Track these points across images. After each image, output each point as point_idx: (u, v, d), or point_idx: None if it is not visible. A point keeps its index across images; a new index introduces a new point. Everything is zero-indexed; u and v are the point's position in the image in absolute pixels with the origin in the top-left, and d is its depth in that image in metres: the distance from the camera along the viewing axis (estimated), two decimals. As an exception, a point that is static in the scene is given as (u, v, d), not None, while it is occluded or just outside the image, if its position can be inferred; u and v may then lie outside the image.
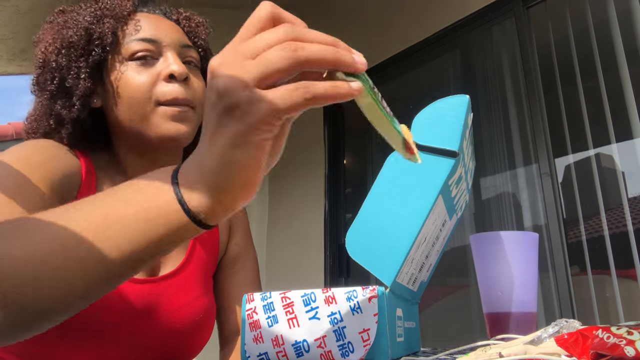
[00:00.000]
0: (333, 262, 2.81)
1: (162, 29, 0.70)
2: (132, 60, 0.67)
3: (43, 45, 0.70)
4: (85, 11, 0.71)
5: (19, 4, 2.59)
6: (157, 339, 0.69)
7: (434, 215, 0.57)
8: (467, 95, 0.57)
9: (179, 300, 0.72)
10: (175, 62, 0.67)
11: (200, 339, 0.75)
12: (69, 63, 0.68)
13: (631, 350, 0.35)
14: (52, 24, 0.73)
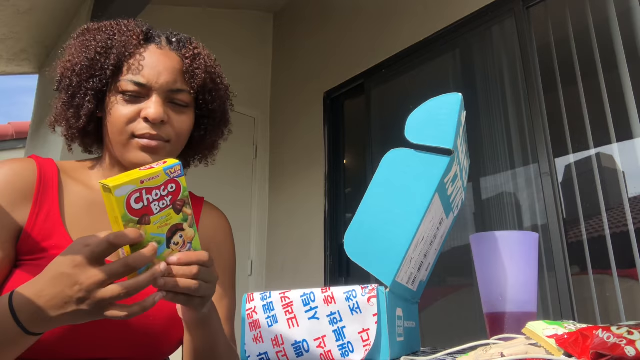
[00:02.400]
0: (333, 262, 2.81)
1: (157, 73, 0.78)
2: (123, 94, 0.77)
3: (63, 60, 0.82)
4: (100, 36, 0.80)
5: (19, 4, 2.59)
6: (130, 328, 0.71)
7: (430, 214, 0.57)
8: (460, 94, 0.56)
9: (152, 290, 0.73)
10: (154, 107, 0.77)
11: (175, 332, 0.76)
12: (79, 83, 0.78)
13: (631, 350, 0.35)
14: (74, 42, 0.82)
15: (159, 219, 0.58)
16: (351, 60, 2.96)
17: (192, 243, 0.62)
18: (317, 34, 3.31)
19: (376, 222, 0.54)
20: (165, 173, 0.59)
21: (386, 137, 2.69)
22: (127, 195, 0.56)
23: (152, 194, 0.58)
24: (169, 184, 0.60)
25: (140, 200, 0.57)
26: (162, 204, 0.59)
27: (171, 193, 0.60)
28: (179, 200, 0.60)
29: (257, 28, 3.65)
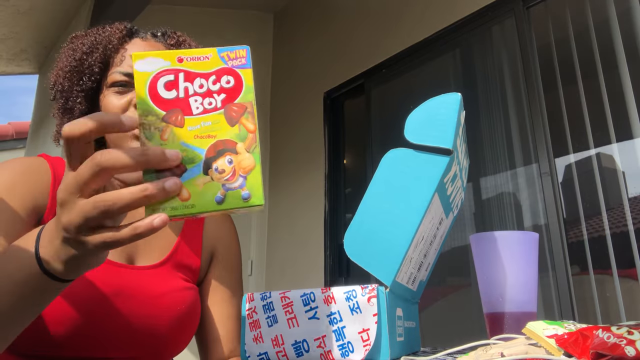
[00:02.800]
0: (333, 261, 2.81)
1: None
2: (112, 87, 0.77)
3: (55, 67, 0.82)
4: (86, 39, 0.81)
5: (19, 4, 2.59)
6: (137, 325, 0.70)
7: (430, 214, 0.57)
8: (459, 93, 0.56)
9: (161, 288, 0.74)
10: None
11: (182, 332, 0.76)
12: (71, 87, 0.79)
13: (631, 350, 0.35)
14: (63, 50, 0.83)
15: (200, 124, 0.41)
16: (351, 60, 2.96)
17: (248, 179, 0.41)
18: (318, 34, 3.31)
19: (376, 222, 0.54)
20: (219, 57, 0.43)
21: (386, 137, 2.69)
22: (153, 74, 0.41)
23: (195, 83, 0.42)
24: (224, 74, 0.42)
25: (173, 86, 0.41)
26: (207, 102, 0.42)
27: (226, 90, 0.42)
28: (236, 104, 0.42)
29: (257, 28, 3.65)
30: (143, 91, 0.41)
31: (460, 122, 0.59)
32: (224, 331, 0.83)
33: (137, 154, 0.39)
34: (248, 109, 0.43)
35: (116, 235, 0.40)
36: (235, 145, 0.42)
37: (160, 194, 0.39)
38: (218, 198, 0.41)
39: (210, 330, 0.83)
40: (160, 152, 0.40)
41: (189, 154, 0.41)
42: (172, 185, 0.40)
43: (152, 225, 0.39)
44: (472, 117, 2.27)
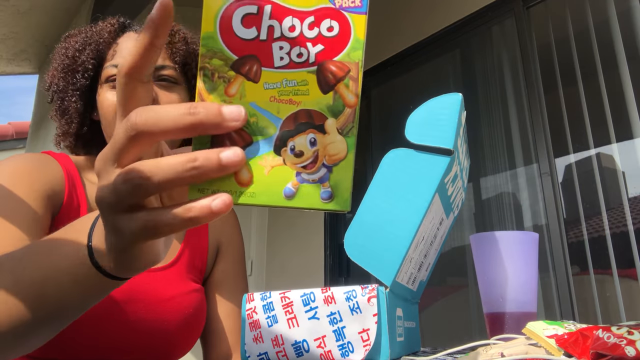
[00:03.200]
0: (333, 261, 2.81)
1: None
2: (107, 82, 0.75)
3: (50, 68, 0.80)
4: (79, 37, 0.79)
5: (19, 4, 2.59)
6: (145, 329, 0.70)
7: (431, 214, 0.57)
8: (460, 94, 0.56)
9: (168, 292, 0.73)
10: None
11: (189, 335, 0.76)
12: (66, 86, 0.77)
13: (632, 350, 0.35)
14: (58, 48, 0.81)
15: (281, 82, 0.31)
16: (351, 60, 2.95)
17: (335, 172, 0.31)
18: (317, 34, 3.31)
19: (376, 222, 0.54)
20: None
21: (386, 137, 2.68)
22: (229, 2, 0.31)
23: (284, 22, 0.31)
24: (328, 17, 0.31)
25: (254, 22, 0.31)
26: (297, 53, 0.31)
27: (325, 40, 0.31)
28: (336, 62, 0.31)
29: (257, 28, 3.64)
30: (212, 23, 0.31)
31: (461, 122, 0.59)
32: (228, 324, 0.82)
33: (183, 111, 0.29)
34: (352, 73, 0.31)
35: (159, 218, 0.30)
36: (324, 120, 0.31)
37: (212, 168, 0.29)
38: (288, 190, 0.31)
39: (213, 323, 0.82)
40: (216, 108, 0.29)
41: (260, 121, 0.31)
42: (231, 157, 0.29)
43: (210, 208, 0.29)
44: (472, 117, 2.27)
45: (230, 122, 0.30)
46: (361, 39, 0.31)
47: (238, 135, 0.31)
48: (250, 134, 0.31)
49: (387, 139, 2.66)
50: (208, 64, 0.31)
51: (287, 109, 0.31)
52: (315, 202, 0.31)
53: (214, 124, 0.29)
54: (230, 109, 0.30)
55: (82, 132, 0.79)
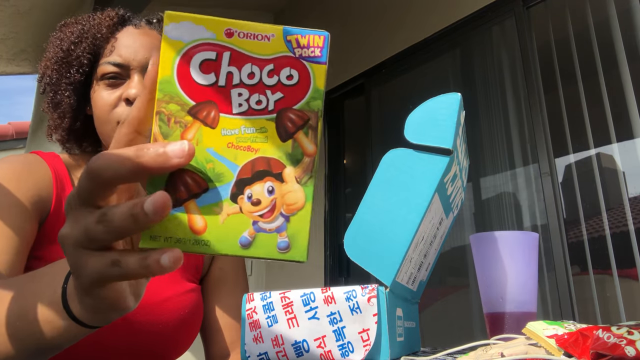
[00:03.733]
0: (333, 262, 2.81)
1: (134, 50, 0.73)
2: (103, 80, 0.72)
3: (44, 58, 0.77)
4: (75, 27, 0.76)
5: (19, 4, 2.59)
6: (140, 331, 0.69)
7: (430, 214, 0.57)
8: (459, 93, 0.56)
9: (164, 294, 0.73)
10: (135, 86, 0.71)
11: (186, 335, 0.75)
12: (59, 79, 0.74)
13: (632, 350, 0.35)
14: (53, 37, 0.78)
15: (239, 129, 0.30)
16: (351, 60, 2.96)
17: (292, 221, 0.30)
18: (317, 34, 3.30)
19: (376, 222, 0.54)
20: (285, 39, 0.31)
21: (386, 137, 2.68)
22: (189, 46, 0.30)
23: (244, 70, 0.30)
24: (287, 66, 0.31)
25: (213, 68, 0.30)
26: (256, 100, 0.31)
27: (285, 89, 0.31)
28: (295, 111, 0.31)
29: (257, 28, 3.64)
30: (169, 68, 0.30)
31: (460, 122, 0.59)
32: (229, 321, 0.82)
33: (130, 154, 0.29)
34: (311, 122, 0.31)
35: (119, 260, 0.29)
36: (282, 169, 0.31)
37: (146, 217, 0.28)
38: (244, 240, 0.30)
39: (214, 320, 0.82)
40: (160, 147, 0.29)
41: (217, 167, 0.30)
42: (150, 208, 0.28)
43: (158, 261, 0.29)
44: (472, 117, 2.27)
45: (174, 159, 0.29)
46: (320, 88, 0.31)
47: (193, 181, 0.30)
48: (206, 181, 0.30)
49: (387, 139, 2.66)
50: (164, 109, 0.30)
51: (244, 156, 0.30)
52: (272, 252, 0.30)
53: (159, 163, 0.29)
54: (173, 145, 0.29)
55: (75, 126, 0.77)
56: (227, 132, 0.30)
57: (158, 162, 0.29)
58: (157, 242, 0.30)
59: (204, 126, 0.30)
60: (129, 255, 0.30)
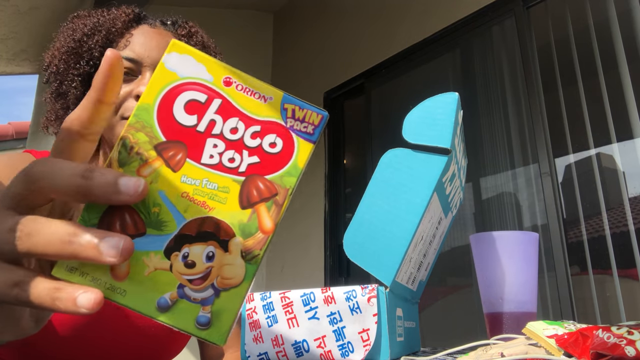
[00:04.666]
0: (333, 262, 2.81)
1: (148, 48, 0.72)
2: None
3: (52, 47, 0.76)
4: (88, 20, 0.74)
5: (19, 4, 2.59)
6: (134, 334, 0.69)
7: (429, 213, 0.57)
8: (456, 93, 0.56)
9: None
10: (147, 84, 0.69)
11: (179, 337, 0.75)
12: (66, 69, 0.73)
13: (632, 350, 0.35)
14: (64, 28, 0.76)
15: (201, 181, 0.28)
16: (351, 60, 2.96)
17: (222, 298, 0.27)
18: (317, 34, 3.31)
19: (375, 222, 0.54)
20: (281, 106, 0.29)
21: (386, 137, 2.68)
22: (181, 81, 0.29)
23: (228, 122, 0.29)
24: (274, 133, 0.29)
25: (197, 111, 0.29)
26: (229, 157, 0.28)
27: (263, 155, 0.29)
28: (267, 181, 0.29)
29: (257, 28, 3.65)
30: (153, 96, 0.28)
31: (458, 121, 0.59)
32: None
33: (78, 172, 0.26)
34: (278, 197, 0.29)
35: (24, 282, 0.26)
36: (230, 237, 0.28)
37: (87, 253, 0.25)
38: (163, 302, 0.27)
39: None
40: (113, 176, 0.26)
41: (162, 214, 0.27)
42: (112, 249, 0.25)
43: (74, 300, 0.25)
44: (472, 117, 2.27)
45: (124, 195, 0.26)
46: (300, 166, 0.29)
47: (132, 220, 0.27)
48: (145, 225, 0.27)
49: (387, 139, 2.66)
50: (131, 136, 0.28)
51: (196, 211, 0.28)
52: (188, 325, 0.27)
53: (107, 193, 0.26)
54: (128, 180, 0.26)
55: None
56: (187, 181, 0.28)
57: (106, 192, 0.26)
58: (72, 275, 0.26)
59: (165, 166, 0.28)
60: (38, 279, 0.26)
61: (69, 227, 0.26)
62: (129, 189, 0.26)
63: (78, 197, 0.26)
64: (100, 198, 0.26)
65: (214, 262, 0.27)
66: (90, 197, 0.26)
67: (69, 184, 0.26)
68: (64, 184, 0.26)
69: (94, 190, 0.26)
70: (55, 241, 0.25)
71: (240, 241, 0.28)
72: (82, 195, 0.26)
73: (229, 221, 0.28)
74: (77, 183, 0.26)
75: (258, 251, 0.28)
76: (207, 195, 0.28)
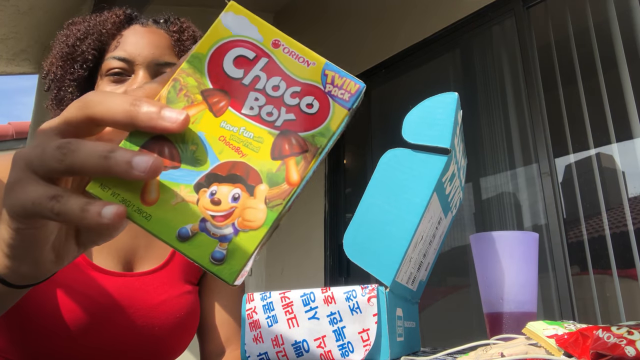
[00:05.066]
0: (333, 262, 2.81)
1: (139, 46, 0.72)
2: (107, 75, 0.72)
3: (49, 55, 0.77)
4: (81, 25, 0.76)
5: (19, 4, 2.59)
6: (136, 335, 0.68)
7: (429, 213, 0.57)
8: (456, 93, 0.57)
9: (159, 296, 0.71)
10: (140, 82, 0.70)
11: (181, 338, 0.74)
12: (63, 75, 0.74)
13: (632, 350, 0.35)
14: (59, 35, 0.77)
15: (238, 129, 0.30)
16: (351, 60, 2.96)
17: (240, 237, 0.29)
18: (318, 33, 3.31)
19: (375, 222, 0.54)
20: (322, 72, 0.31)
21: (386, 137, 2.68)
22: (233, 38, 0.31)
23: (272, 80, 0.31)
24: (313, 95, 0.31)
25: (245, 66, 0.31)
26: (267, 111, 0.30)
27: (300, 113, 0.31)
28: (300, 137, 0.30)
29: (257, 28, 3.64)
30: (207, 47, 0.30)
31: (457, 121, 0.59)
32: (221, 318, 0.80)
33: (128, 99, 0.29)
34: (308, 154, 0.31)
35: (61, 195, 0.28)
36: (258, 183, 0.29)
37: (120, 167, 0.27)
38: (184, 231, 0.29)
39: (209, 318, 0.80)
40: (157, 106, 0.29)
41: (198, 152, 0.29)
42: (142, 164, 0.27)
43: (99, 213, 0.27)
44: (472, 117, 2.27)
45: (166, 122, 0.29)
46: (332, 129, 0.31)
47: (170, 153, 0.29)
48: (181, 159, 0.29)
49: (387, 139, 2.66)
50: (182, 79, 0.31)
51: (230, 154, 0.30)
52: (203, 257, 0.29)
53: (150, 119, 0.29)
54: (171, 111, 0.29)
55: None
56: (226, 126, 0.30)
57: (151, 118, 0.29)
58: (104, 192, 0.29)
59: (208, 111, 0.30)
60: (72, 194, 0.29)
61: (108, 145, 0.28)
62: (171, 118, 0.29)
63: (125, 121, 0.29)
64: (145, 123, 0.29)
65: (239, 203, 0.29)
66: (136, 121, 0.29)
67: (119, 109, 0.29)
68: (115, 109, 0.29)
69: (140, 116, 0.29)
70: (94, 155, 0.28)
71: (266, 188, 0.30)
72: (129, 120, 0.29)
73: (258, 169, 0.30)
74: (127, 108, 0.29)
75: (281, 200, 0.30)
76: (242, 142, 0.30)
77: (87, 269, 0.67)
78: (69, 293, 0.63)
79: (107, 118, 0.29)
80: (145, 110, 0.29)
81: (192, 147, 0.30)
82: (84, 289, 0.65)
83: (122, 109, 0.29)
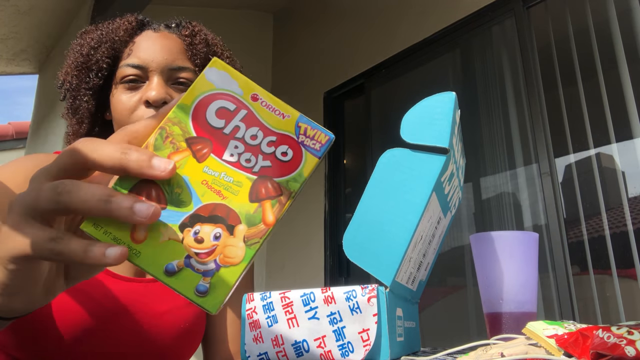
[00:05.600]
0: (333, 262, 2.81)
1: (152, 52, 0.73)
2: (122, 83, 0.72)
3: (64, 65, 0.77)
4: (95, 34, 0.76)
5: (19, 4, 2.59)
6: (140, 340, 0.68)
7: (428, 213, 0.57)
8: (454, 92, 0.56)
9: (165, 305, 0.71)
10: (155, 88, 0.70)
11: (185, 349, 0.73)
12: (78, 84, 0.74)
13: (632, 350, 0.35)
14: (73, 44, 0.78)
15: (220, 174, 0.33)
16: (351, 60, 2.96)
17: (221, 273, 0.32)
18: (317, 33, 3.31)
19: (374, 222, 0.54)
20: (296, 124, 0.35)
21: (386, 137, 2.69)
22: (216, 91, 0.34)
23: (250, 130, 0.34)
24: (287, 144, 0.35)
25: (225, 117, 0.34)
26: (246, 158, 0.34)
27: (275, 161, 0.34)
28: (275, 182, 0.34)
29: (257, 28, 3.65)
30: (192, 99, 0.34)
31: (455, 120, 0.59)
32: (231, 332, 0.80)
33: (119, 148, 0.31)
34: (282, 197, 0.33)
35: (61, 237, 0.30)
36: (237, 224, 0.33)
37: (122, 212, 0.30)
38: (170, 267, 0.32)
39: (216, 330, 0.80)
40: (148, 155, 0.31)
41: (183, 195, 0.32)
42: (144, 211, 0.30)
43: (103, 253, 0.30)
44: (472, 117, 2.27)
45: (156, 170, 0.31)
46: (305, 175, 0.34)
47: (157, 196, 0.32)
48: (167, 201, 0.32)
49: (387, 139, 2.66)
50: (168, 127, 0.34)
51: (212, 197, 0.33)
52: (188, 290, 0.32)
53: (140, 167, 0.31)
54: (160, 159, 0.32)
55: (94, 132, 0.77)
56: (208, 171, 0.33)
57: (141, 167, 0.31)
58: (97, 230, 0.32)
59: (192, 157, 0.33)
60: (71, 236, 0.31)
61: (106, 189, 0.31)
62: (160, 167, 0.31)
63: (117, 168, 0.31)
64: (136, 171, 0.31)
65: (220, 241, 0.32)
66: (126, 168, 0.31)
67: (112, 157, 0.31)
68: (107, 157, 0.31)
69: (131, 164, 0.31)
70: (94, 198, 0.30)
71: (245, 228, 0.33)
72: (120, 167, 0.31)
73: (237, 210, 0.33)
74: (118, 157, 0.31)
75: (258, 239, 0.33)
76: (223, 186, 0.33)
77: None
78: (75, 294, 0.63)
79: (100, 165, 0.32)
80: (135, 158, 0.31)
81: (177, 190, 0.33)
82: (90, 290, 0.65)
83: (115, 157, 0.31)
